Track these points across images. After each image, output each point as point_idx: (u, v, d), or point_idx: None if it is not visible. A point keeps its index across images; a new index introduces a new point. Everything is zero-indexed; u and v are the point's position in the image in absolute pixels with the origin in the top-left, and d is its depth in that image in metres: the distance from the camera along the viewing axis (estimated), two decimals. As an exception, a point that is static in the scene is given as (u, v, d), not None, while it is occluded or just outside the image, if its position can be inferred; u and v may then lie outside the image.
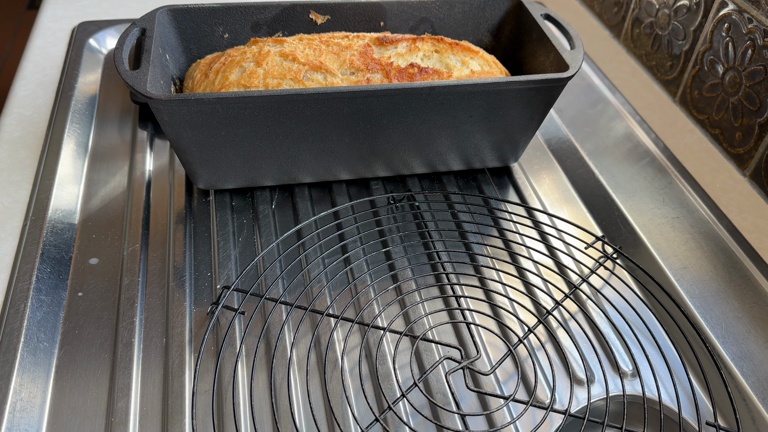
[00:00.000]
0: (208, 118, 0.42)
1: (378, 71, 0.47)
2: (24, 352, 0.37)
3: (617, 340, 0.42)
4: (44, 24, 0.66)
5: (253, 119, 0.42)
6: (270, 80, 0.45)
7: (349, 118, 0.44)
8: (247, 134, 0.44)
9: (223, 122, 0.42)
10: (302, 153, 0.46)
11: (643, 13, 0.63)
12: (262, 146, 0.45)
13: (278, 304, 0.42)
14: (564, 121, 0.60)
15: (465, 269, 0.46)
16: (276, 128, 0.43)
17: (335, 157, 0.48)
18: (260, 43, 0.48)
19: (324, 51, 0.47)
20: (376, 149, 0.48)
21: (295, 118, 0.43)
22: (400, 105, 0.44)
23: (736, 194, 0.51)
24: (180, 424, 0.36)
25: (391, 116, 0.45)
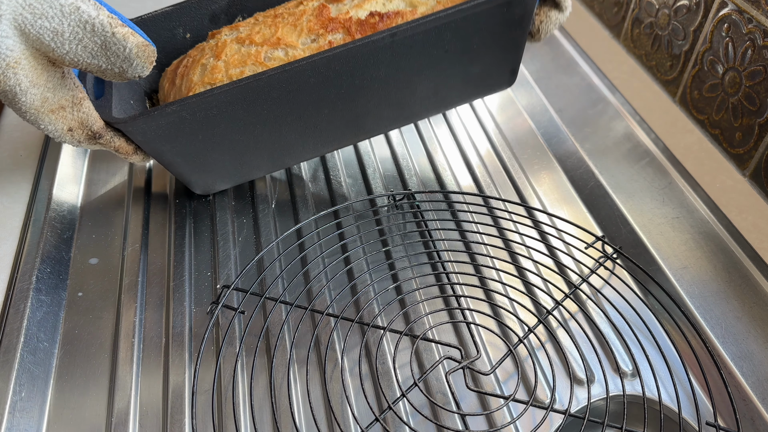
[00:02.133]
0: (179, 127, 0.40)
1: (339, 30, 0.43)
2: (24, 352, 0.37)
3: (617, 340, 0.42)
4: (44, 24, 0.66)
5: (223, 116, 0.40)
6: (232, 71, 0.43)
7: (320, 89, 0.41)
8: (224, 131, 0.41)
9: (195, 127, 0.40)
10: (285, 135, 0.44)
11: (643, 13, 0.63)
12: (244, 139, 0.43)
13: (278, 304, 0.42)
14: (564, 121, 0.60)
15: (465, 269, 0.46)
16: (250, 118, 0.41)
17: (319, 131, 0.45)
18: (217, 35, 0.46)
19: (280, 25, 0.44)
20: (359, 112, 0.45)
21: (264, 103, 0.40)
22: (367, 61, 0.40)
23: (735, 194, 0.51)
24: (180, 424, 0.36)
25: (362, 75, 0.41)
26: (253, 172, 0.48)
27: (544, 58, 0.69)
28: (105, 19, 0.30)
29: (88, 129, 0.37)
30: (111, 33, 0.30)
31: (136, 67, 0.32)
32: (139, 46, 0.31)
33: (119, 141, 0.40)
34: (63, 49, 0.30)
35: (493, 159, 0.57)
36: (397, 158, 0.55)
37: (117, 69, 0.32)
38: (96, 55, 0.31)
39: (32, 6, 0.28)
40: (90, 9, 0.29)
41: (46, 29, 0.29)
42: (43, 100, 0.33)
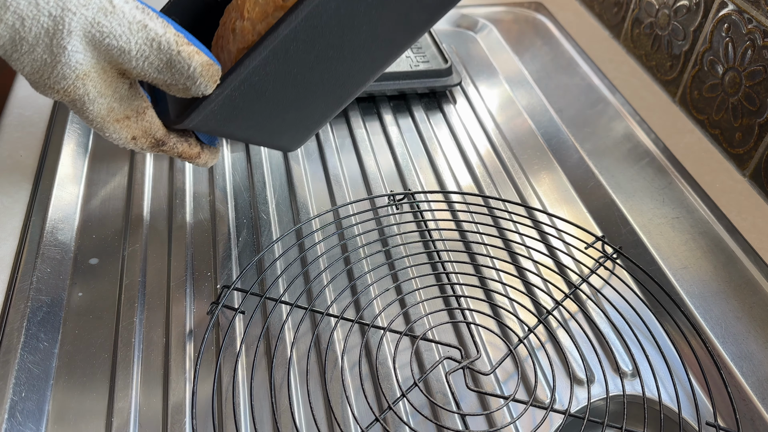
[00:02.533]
0: (232, 105, 0.38)
1: None
2: (24, 352, 0.37)
3: (617, 340, 0.42)
4: (44, 24, 0.66)
5: (266, 78, 0.38)
6: (259, 27, 0.40)
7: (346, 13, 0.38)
8: (275, 91, 0.40)
9: (247, 99, 0.39)
10: (334, 69, 0.42)
11: (643, 13, 0.63)
12: (299, 90, 0.41)
13: (278, 304, 0.42)
14: (564, 121, 0.60)
15: (465, 269, 0.46)
16: (291, 68, 0.39)
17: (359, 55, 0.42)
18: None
19: None
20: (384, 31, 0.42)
21: (297, 50, 0.39)
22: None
23: (735, 194, 0.51)
24: (180, 424, 0.36)
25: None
26: (324, 116, 0.46)
27: (544, 58, 0.69)
28: (171, 37, 0.30)
29: (152, 137, 0.38)
30: (176, 51, 0.31)
31: (199, 85, 0.33)
32: (203, 65, 0.32)
33: (182, 146, 0.40)
34: (130, 64, 0.31)
35: (493, 159, 0.57)
36: (397, 158, 0.55)
37: (181, 86, 0.33)
38: (161, 71, 0.32)
39: (101, 24, 0.29)
40: (158, 27, 0.30)
41: (114, 47, 0.30)
42: (109, 110, 0.34)
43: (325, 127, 0.58)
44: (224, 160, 0.53)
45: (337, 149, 0.56)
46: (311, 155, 0.55)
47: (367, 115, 0.60)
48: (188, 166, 0.52)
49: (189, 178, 0.51)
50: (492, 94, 0.65)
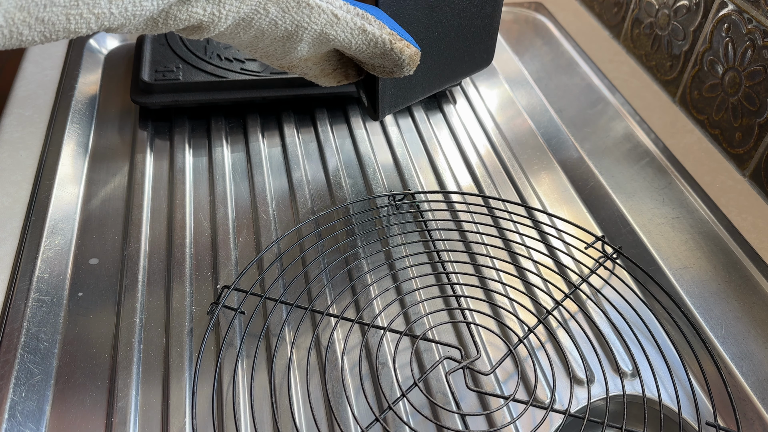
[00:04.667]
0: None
1: None
2: (24, 352, 0.37)
3: (617, 340, 0.42)
4: (44, 24, 0.66)
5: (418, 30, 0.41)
6: None
7: None
8: (430, 35, 0.42)
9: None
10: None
11: (643, 13, 0.63)
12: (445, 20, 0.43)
13: (278, 304, 0.42)
14: (564, 121, 0.60)
15: (465, 269, 0.46)
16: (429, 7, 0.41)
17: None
18: None
19: None
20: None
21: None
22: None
23: (735, 194, 0.51)
24: (180, 424, 0.36)
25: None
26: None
27: (544, 58, 0.69)
28: (386, 36, 0.35)
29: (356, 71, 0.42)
30: (390, 48, 0.35)
31: (404, 70, 0.37)
32: (411, 56, 0.36)
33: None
34: (349, 52, 0.36)
35: (493, 159, 0.57)
36: (397, 158, 0.55)
37: (388, 69, 0.37)
38: (374, 57, 0.36)
39: (327, 33, 0.34)
40: (375, 29, 0.34)
41: (337, 45, 0.35)
42: (322, 71, 0.40)
43: (326, 127, 0.58)
44: (224, 161, 0.53)
45: (337, 149, 0.56)
46: (311, 155, 0.55)
47: (367, 115, 0.60)
48: (188, 166, 0.52)
49: (189, 178, 0.51)
50: (492, 94, 0.65)
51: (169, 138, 0.55)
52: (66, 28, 0.28)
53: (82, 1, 0.27)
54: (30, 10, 0.25)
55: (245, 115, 0.58)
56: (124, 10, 0.28)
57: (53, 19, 0.26)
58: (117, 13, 0.28)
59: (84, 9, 0.27)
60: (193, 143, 0.55)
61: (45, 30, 0.27)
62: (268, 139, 0.56)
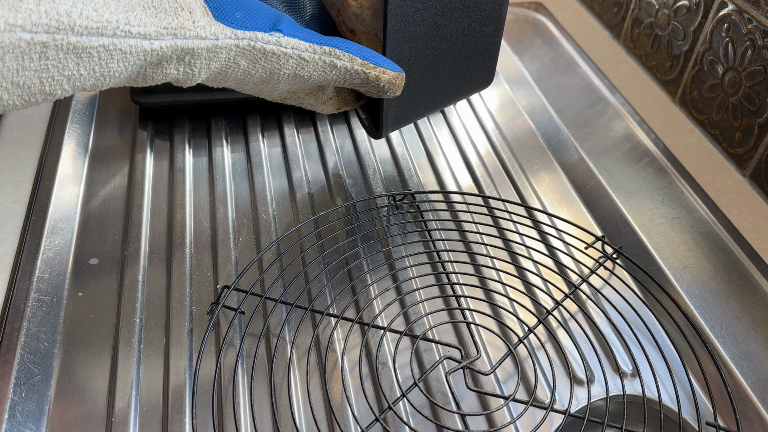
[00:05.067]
0: (405, 92, 0.42)
1: None
2: (24, 352, 0.37)
3: (617, 340, 0.42)
4: (44, 24, 0.66)
5: (411, 51, 0.41)
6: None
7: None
8: (427, 54, 0.42)
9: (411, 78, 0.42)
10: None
11: (643, 13, 0.63)
12: (447, 35, 0.42)
13: (278, 304, 0.42)
14: (564, 121, 0.60)
15: (465, 269, 0.46)
16: (425, 23, 0.41)
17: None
18: None
19: None
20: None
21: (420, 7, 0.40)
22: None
23: (735, 194, 0.51)
24: (180, 424, 0.36)
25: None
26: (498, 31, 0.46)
27: (544, 58, 0.69)
28: (358, 68, 0.36)
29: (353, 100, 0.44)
30: (365, 77, 0.37)
31: (388, 94, 0.39)
32: (389, 81, 0.38)
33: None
34: (335, 84, 0.38)
35: (493, 159, 0.57)
36: (397, 158, 0.55)
37: (375, 93, 0.39)
38: (359, 85, 0.38)
39: (300, 75, 0.36)
40: (345, 63, 0.36)
41: (314, 80, 0.36)
42: (316, 100, 0.41)
43: (326, 127, 0.58)
44: (224, 161, 0.53)
45: (337, 149, 0.56)
46: (311, 155, 0.55)
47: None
48: (188, 166, 0.52)
49: (189, 178, 0.51)
50: (492, 94, 0.65)
51: (169, 138, 0.55)
52: (42, 90, 0.29)
53: (52, 64, 0.28)
54: (4, 75, 0.26)
55: (245, 115, 0.58)
56: (93, 72, 0.29)
57: (28, 83, 0.28)
58: (87, 75, 0.29)
59: (54, 72, 0.28)
60: (193, 143, 0.55)
61: (23, 94, 0.29)
62: (268, 139, 0.56)
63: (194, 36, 0.31)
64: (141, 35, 0.30)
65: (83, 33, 0.29)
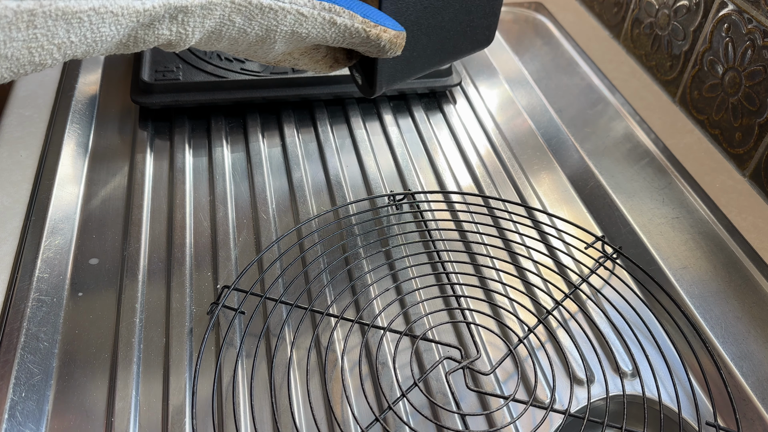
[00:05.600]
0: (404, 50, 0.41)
1: None
2: (24, 352, 0.37)
3: (617, 340, 0.42)
4: (44, 24, 0.66)
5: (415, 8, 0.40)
6: None
7: None
8: (429, 10, 0.41)
9: (411, 36, 0.41)
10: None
11: (643, 13, 0.63)
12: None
13: (278, 304, 0.42)
14: (564, 121, 0.60)
15: (465, 269, 0.46)
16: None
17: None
18: None
19: None
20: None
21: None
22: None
23: (735, 194, 0.51)
24: (180, 424, 0.36)
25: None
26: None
27: (544, 58, 0.69)
28: (359, 26, 0.35)
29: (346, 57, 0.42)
30: (366, 36, 0.36)
31: (388, 54, 0.38)
32: (390, 40, 0.36)
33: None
34: (332, 44, 0.37)
35: (493, 159, 0.57)
36: (397, 158, 0.55)
37: (374, 53, 0.38)
38: (355, 45, 0.37)
39: (298, 32, 0.34)
40: (345, 20, 0.35)
41: (314, 40, 0.35)
42: (314, 60, 0.40)
43: (326, 127, 0.58)
44: (224, 161, 0.53)
45: (337, 149, 0.56)
46: (311, 155, 0.55)
47: (367, 115, 0.60)
48: (188, 166, 0.52)
49: (189, 178, 0.51)
50: (492, 94, 0.65)
51: (169, 138, 0.55)
52: (31, 61, 0.28)
53: (41, 32, 0.27)
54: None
55: (245, 115, 0.58)
56: (84, 38, 0.28)
57: (16, 54, 0.27)
58: (78, 42, 0.29)
59: (44, 41, 0.28)
60: (193, 143, 0.55)
61: (12, 66, 0.28)
62: (268, 139, 0.56)
63: None
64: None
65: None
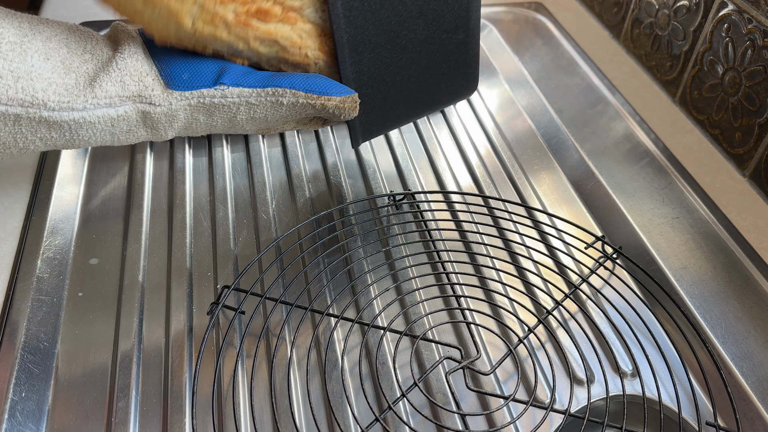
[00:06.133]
0: (375, 104, 0.43)
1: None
2: (24, 352, 0.37)
3: (617, 340, 0.42)
4: (44, 24, 0.66)
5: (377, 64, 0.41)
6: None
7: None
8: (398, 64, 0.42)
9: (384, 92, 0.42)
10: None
11: (643, 13, 0.63)
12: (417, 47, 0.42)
13: (278, 304, 0.42)
14: (564, 121, 0.60)
15: (465, 269, 0.46)
16: (388, 33, 0.40)
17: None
18: None
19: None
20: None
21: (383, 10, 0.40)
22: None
23: (735, 194, 0.51)
24: (180, 424, 0.36)
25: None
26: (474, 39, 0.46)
27: (544, 58, 0.69)
28: (303, 101, 0.38)
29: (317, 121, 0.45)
30: (312, 108, 0.38)
31: (343, 116, 0.40)
32: (337, 106, 0.39)
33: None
34: (295, 117, 0.40)
35: (493, 159, 0.57)
36: (397, 158, 0.55)
37: (334, 118, 0.41)
38: (316, 113, 0.39)
39: (256, 117, 0.38)
40: (290, 99, 0.37)
41: (275, 118, 0.39)
42: (302, 123, 0.43)
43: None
44: (224, 160, 0.53)
45: (337, 149, 0.56)
46: (311, 155, 0.55)
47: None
48: (188, 166, 0.52)
49: (189, 178, 0.51)
50: (492, 94, 0.65)
51: (169, 138, 0.55)
52: (16, 146, 0.34)
53: (25, 128, 0.33)
54: None
55: (245, 115, 0.58)
56: (63, 136, 0.35)
57: (3, 139, 0.34)
58: (58, 137, 0.35)
59: (27, 134, 0.34)
60: (193, 143, 0.55)
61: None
62: (268, 138, 0.56)
63: (149, 103, 0.35)
64: (107, 105, 0.34)
65: (55, 108, 0.33)
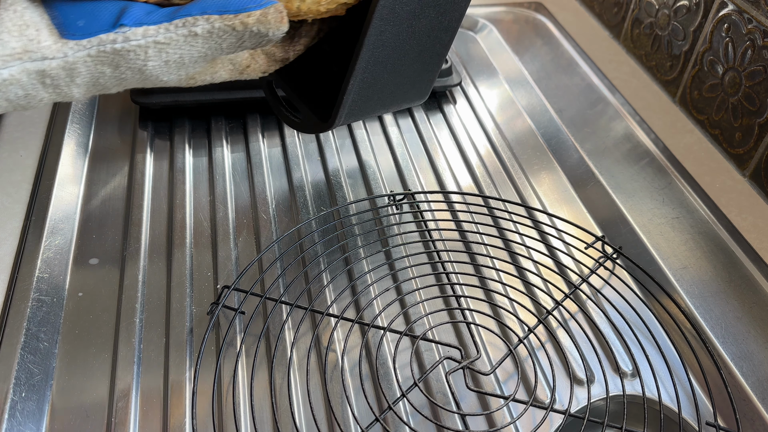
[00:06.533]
0: (365, 87, 0.40)
1: None
2: (24, 352, 0.37)
3: (617, 340, 0.42)
4: (44, 24, 0.66)
5: (382, 49, 0.39)
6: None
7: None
8: (396, 54, 0.41)
9: (375, 76, 0.40)
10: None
11: (643, 13, 0.63)
12: (414, 43, 0.41)
13: (278, 304, 0.42)
14: (563, 121, 0.60)
15: (465, 269, 0.46)
16: (402, 25, 0.39)
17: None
18: None
19: None
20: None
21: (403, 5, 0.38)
22: None
23: (735, 194, 0.51)
24: (180, 424, 0.36)
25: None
26: (440, 55, 0.45)
27: (544, 58, 0.69)
28: (219, 24, 0.31)
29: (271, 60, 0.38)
30: (233, 31, 0.31)
31: (271, 32, 0.32)
32: (259, 20, 0.31)
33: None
34: (219, 54, 0.33)
35: (493, 159, 0.57)
36: (397, 158, 0.55)
37: (264, 42, 0.33)
38: (243, 44, 0.32)
39: (172, 60, 0.31)
40: (204, 26, 0.31)
41: (195, 58, 0.32)
42: (234, 73, 0.37)
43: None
44: (224, 161, 0.53)
45: (337, 149, 0.56)
46: (311, 155, 0.55)
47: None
48: (188, 166, 0.52)
49: (189, 178, 0.51)
50: (492, 95, 0.65)
51: (169, 138, 0.55)
52: None
53: None
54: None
55: (245, 115, 0.58)
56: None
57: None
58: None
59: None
60: (193, 143, 0.55)
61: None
62: (268, 139, 0.56)
63: (41, 57, 0.30)
64: None
65: None
